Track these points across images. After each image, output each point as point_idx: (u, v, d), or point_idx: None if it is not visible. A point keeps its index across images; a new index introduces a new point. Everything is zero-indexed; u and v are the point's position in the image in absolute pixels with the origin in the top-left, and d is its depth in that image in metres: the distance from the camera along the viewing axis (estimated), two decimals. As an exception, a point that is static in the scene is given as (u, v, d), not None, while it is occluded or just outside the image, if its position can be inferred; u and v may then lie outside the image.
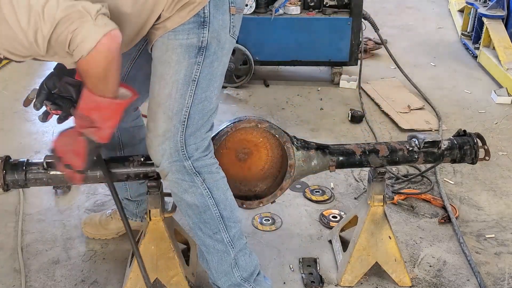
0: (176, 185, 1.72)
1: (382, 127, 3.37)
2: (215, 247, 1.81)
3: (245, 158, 1.97)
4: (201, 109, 1.67)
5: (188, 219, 1.80)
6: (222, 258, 1.82)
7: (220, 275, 1.85)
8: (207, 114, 1.69)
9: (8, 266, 2.19)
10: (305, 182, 2.74)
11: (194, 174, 1.70)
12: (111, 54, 1.43)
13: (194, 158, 1.69)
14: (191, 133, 1.67)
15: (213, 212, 1.76)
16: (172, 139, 1.66)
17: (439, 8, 5.87)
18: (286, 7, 3.78)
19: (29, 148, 3.08)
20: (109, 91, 1.52)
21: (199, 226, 1.79)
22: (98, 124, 1.56)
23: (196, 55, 1.61)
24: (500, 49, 3.99)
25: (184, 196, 1.73)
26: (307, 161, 1.95)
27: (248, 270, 1.86)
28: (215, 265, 1.84)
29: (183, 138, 1.66)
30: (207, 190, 1.73)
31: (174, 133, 1.65)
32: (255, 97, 3.81)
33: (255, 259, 1.90)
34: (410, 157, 1.99)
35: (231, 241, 1.80)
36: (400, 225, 2.45)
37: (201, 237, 1.81)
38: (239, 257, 1.84)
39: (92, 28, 1.37)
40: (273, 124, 1.92)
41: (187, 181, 1.71)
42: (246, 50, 3.76)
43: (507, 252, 2.30)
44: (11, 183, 1.80)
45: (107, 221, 2.32)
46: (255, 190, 2.02)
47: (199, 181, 1.71)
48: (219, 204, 1.76)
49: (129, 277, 1.97)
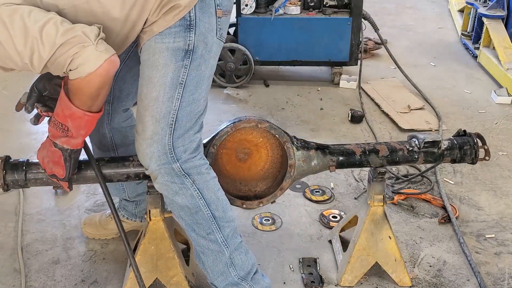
0: (166, 188, 1.72)
1: (382, 127, 3.37)
2: (209, 248, 1.81)
3: (245, 158, 1.97)
4: (189, 111, 1.67)
5: (181, 221, 1.81)
6: (217, 258, 1.82)
7: (216, 275, 1.85)
8: (195, 117, 1.70)
9: (8, 266, 2.19)
10: (305, 182, 2.74)
11: (184, 176, 1.70)
12: (108, 77, 1.49)
13: (182, 160, 1.69)
14: (179, 136, 1.67)
15: (205, 213, 1.76)
16: (160, 142, 1.66)
17: (439, 8, 5.87)
18: (286, 7, 3.78)
19: (29, 148, 3.07)
20: (96, 106, 1.57)
21: (192, 227, 1.79)
22: (71, 133, 1.59)
23: (183, 58, 1.61)
24: (500, 49, 3.99)
25: (175, 198, 1.74)
26: (307, 161, 1.95)
27: (245, 268, 1.86)
28: (211, 265, 1.84)
29: (171, 141, 1.67)
30: (197, 191, 1.73)
31: (162, 136, 1.66)
32: (255, 97, 3.81)
33: (252, 257, 1.90)
34: (410, 157, 1.99)
35: (225, 240, 1.80)
36: (400, 225, 2.45)
37: (194, 238, 1.81)
38: (234, 256, 1.84)
39: (94, 53, 1.43)
40: (273, 124, 1.92)
41: (177, 183, 1.71)
42: (246, 50, 3.75)
43: (507, 252, 2.30)
44: (11, 183, 1.80)
45: (107, 221, 2.32)
46: (255, 190, 2.02)
47: (189, 183, 1.71)
48: (211, 205, 1.76)
49: (129, 277, 1.97)
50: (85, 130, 1.62)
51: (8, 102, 3.63)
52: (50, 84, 1.69)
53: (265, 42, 3.80)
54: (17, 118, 3.42)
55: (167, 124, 1.65)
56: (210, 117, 3.48)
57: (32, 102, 1.69)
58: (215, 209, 1.77)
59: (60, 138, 1.63)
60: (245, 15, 3.79)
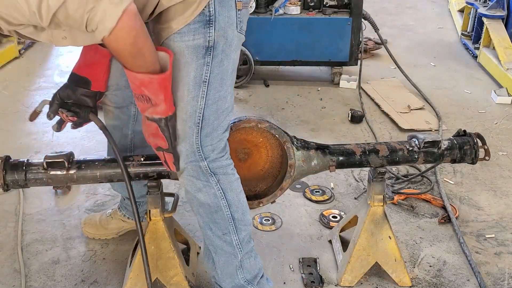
0: (190, 184, 1.72)
1: (382, 127, 3.37)
2: (223, 248, 1.80)
3: (245, 158, 1.97)
4: (215, 109, 1.65)
5: (198, 217, 1.80)
6: (228, 259, 1.82)
7: (225, 276, 1.85)
8: (222, 114, 1.67)
9: (8, 266, 2.19)
10: (305, 182, 2.74)
11: (209, 174, 1.70)
12: (135, 29, 1.38)
13: (210, 159, 1.69)
14: (207, 134, 1.66)
15: (225, 213, 1.75)
16: (187, 140, 1.65)
17: (439, 8, 5.87)
18: (286, 7, 3.78)
19: (29, 148, 3.08)
20: (150, 63, 1.47)
21: (209, 226, 1.79)
22: (153, 101, 1.53)
23: (204, 55, 1.58)
24: (500, 49, 3.99)
25: (197, 195, 1.73)
26: (307, 161, 1.95)
27: (252, 272, 1.86)
28: (221, 266, 1.84)
29: (198, 140, 1.65)
30: (220, 191, 1.72)
31: (190, 134, 1.64)
32: (255, 97, 3.81)
33: (260, 262, 1.90)
34: (410, 157, 1.99)
35: (239, 243, 1.80)
36: (400, 225, 2.45)
37: (210, 236, 1.81)
38: (245, 259, 1.83)
39: (108, 6, 1.31)
40: (273, 124, 1.92)
41: (202, 180, 1.70)
42: (246, 50, 3.75)
43: (507, 252, 2.30)
44: (11, 183, 1.80)
45: (107, 221, 2.31)
46: (255, 190, 2.02)
47: (214, 182, 1.71)
48: (232, 206, 1.75)
49: (129, 277, 1.97)
50: (162, 94, 1.52)
51: (8, 102, 3.63)
52: (75, 93, 1.69)
53: (265, 42, 3.80)
54: (17, 118, 3.42)
55: (194, 123, 1.63)
56: (210, 117, 3.49)
57: (54, 109, 1.68)
58: (235, 211, 1.76)
59: (147, 109, 1.57)
60: (245, 15, 3.79)
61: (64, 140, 3.15)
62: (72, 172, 1.81)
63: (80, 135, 3.19)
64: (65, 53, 4.74)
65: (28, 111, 3.47)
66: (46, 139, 3.17)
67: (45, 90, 3.84)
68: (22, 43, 4.65)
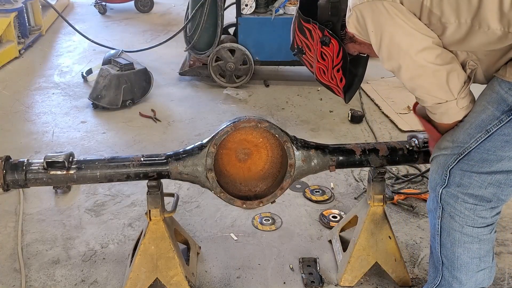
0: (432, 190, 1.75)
1: (382, 127, 3.37)
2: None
3: (245, 159, 1.97)
4: (481, 159, 1.59)
5: None
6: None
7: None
8: (489, 167, 1.59)
9: (8, 266, 2.19)
10: (305, 182, 2.74)
11: (437, 203, 1.70)
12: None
13: (448, 190, 1.66)
14: (462, 168, 1.62)
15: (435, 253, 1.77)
16: (443, 157, 1.67)
17: (439, 8, 5.86)
18: (286, 7, 3.79)
19: (29, 148, 3.08)
20: None
21: None
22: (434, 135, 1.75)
23: (503, 112, 1.53)
24: (500, 49, 3.98)
25: (428, 204, 1.78)
26: (307, 161, 1.95)
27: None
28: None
29: (452, 165, 1.65)
30: (438, 226, 1.72)
31: (448, 154, 1.65)
32: (255, 97, 3.81)
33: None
34: (410, 157, 1.99)
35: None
36: (400, 225, 2.45)
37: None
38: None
39: (455, 109, 1.61)
40: (273, 124, 1.92)
41: (431, 204, 1.73)
42: (246, 50, 3.76)
43: (507, 252, 2.30)
44: (11, 183, 1.80)
45: None
46: (255, 190, 2.02)
47: (438, 213, 1.70)
48: (442, 248, 1.73)
49: (129, 277, 1.97)
50: None
51: (8, 102, 3.64)
52: None
53: (265, 42, 3.80)
54: (17, 118, 3.42)
55: (457, 151, 1.63)
56: (210, 117, 3.49)
57: None
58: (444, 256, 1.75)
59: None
60: (245, 15, 3.80)
61: (64, 140, 3.15)
62: (72, 172, 1.81)
63: (80, 135, 3.19)
64: (65, 53, 4.75)
65: (28, 111, 3.48)
66: (46, 139, 3.17)
67: (45, 90, 3.84)
68: (22, 43, 4.65)
